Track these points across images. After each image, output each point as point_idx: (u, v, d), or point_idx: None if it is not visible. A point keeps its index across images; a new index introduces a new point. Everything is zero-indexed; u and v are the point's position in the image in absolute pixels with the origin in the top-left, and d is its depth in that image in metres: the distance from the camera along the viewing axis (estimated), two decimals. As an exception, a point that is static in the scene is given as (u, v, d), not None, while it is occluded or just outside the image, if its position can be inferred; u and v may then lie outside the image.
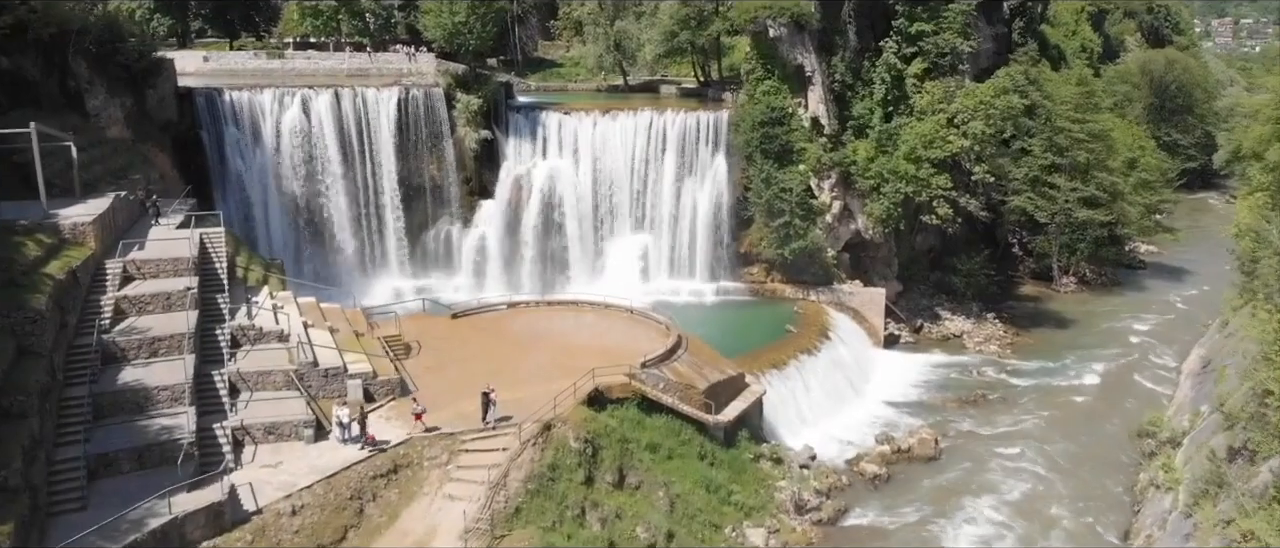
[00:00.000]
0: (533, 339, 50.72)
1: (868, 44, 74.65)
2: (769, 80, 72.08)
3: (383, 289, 73.19)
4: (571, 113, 76.34)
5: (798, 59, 70.94)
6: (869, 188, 72.54)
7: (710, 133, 74.62)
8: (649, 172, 75.49)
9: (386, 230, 74.35)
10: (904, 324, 76.45)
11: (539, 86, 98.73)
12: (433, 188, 75.43)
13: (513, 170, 76.17)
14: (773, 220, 70.98)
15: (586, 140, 75.73)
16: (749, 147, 71.68)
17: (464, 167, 75.89)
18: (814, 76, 71.10)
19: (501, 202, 75.60)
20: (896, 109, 73.79)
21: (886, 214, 71.94)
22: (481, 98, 74.73)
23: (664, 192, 75.23)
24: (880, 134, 72.01)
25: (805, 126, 71.91)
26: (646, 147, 75.35)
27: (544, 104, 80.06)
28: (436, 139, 74.76)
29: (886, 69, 73.05)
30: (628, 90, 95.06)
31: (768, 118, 70.88)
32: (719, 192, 74.44)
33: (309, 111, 70.79)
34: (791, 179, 70.72)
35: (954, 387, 66.85)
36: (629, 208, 76.14)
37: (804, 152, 71.47)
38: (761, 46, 72.17)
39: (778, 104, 71.19)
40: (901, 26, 73.54)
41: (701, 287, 74.94)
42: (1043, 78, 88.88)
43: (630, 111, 75.85)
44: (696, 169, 75.18)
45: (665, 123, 74.96)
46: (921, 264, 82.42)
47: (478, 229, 75.63)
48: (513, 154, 76.76)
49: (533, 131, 76.60)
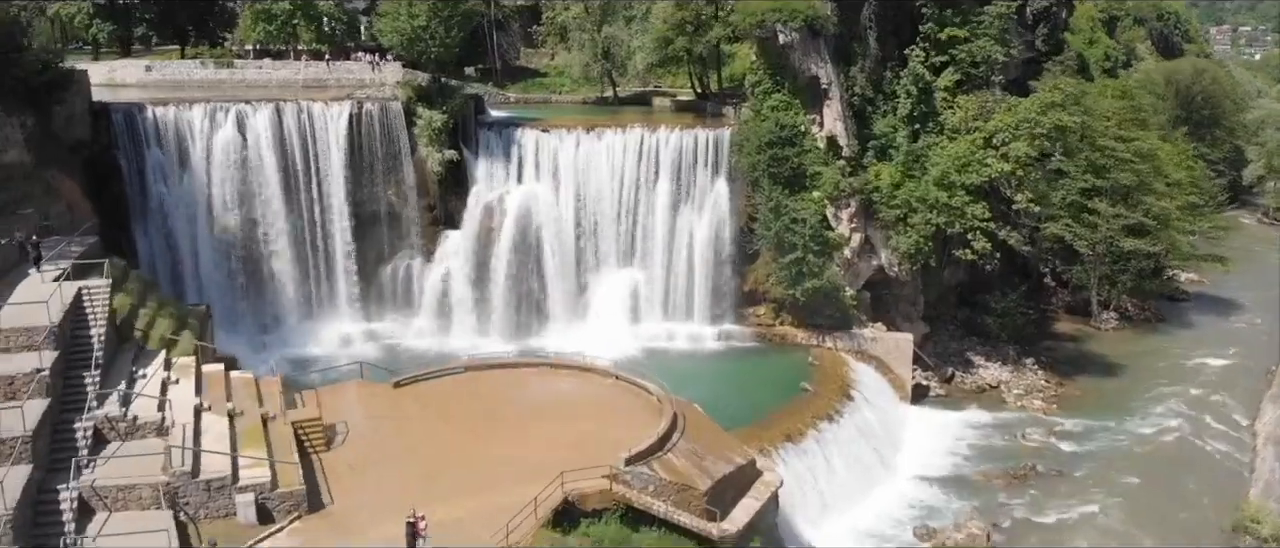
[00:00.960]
0: (490, 419, 40.69)
1: (890, 52, 64.89)
2: (778, 94, 62.21)
3: (330, 335, 63.38)
4: (551, 130, 66.49)
5: (811, 69, 61.07)
6: (894, 218, 62.64)
7: (710, 154, 64.78)
8: (639, 198, 65.63)
9: (335, 266, 64.45)
10: (933, 373, 66.60)
11: (520, 98, 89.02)
12: (390, 217, 65.52)
13: (483, 196, 66.25)
14: (783, 255, 61.10)
15: (568, 162, 65.86)
16: (755, 170, 61.82)
17: (426, 192, 65.96)
18: (830, 89, 61.27)
19: (469, 232, 65.67)
20: (924, 127, 64.03)
21: (915, 249, 62.07)
22: (446, 113, 64.85)
23: (657, 221, 65.33)
24: (906, 156, 62.14)
25: (820, 147, 62.09)
26: (637, 169, 65.51)
27: (520, 120, 70.22)
28: (394, 160, 64.90)
29: (913, 80, 63.30)
30: (617, 103, 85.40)
31: (776, 137, 61.02)
32: (720, 221, 64.57)
33: (245, 130, 61.09)
34: (805, 208, 60.87)
35: (998, 455, 56.98)
36: (617, 239, 66.23)
37: (819, 176, 61.61)
38: (769, 55, 62.35)
39: (788, 121, 61.34)
40: (930, 32, 63.82)
41: (701, 330, 65.03)
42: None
43: (618, 129, 66.02)
44: (694, 195, 65.30)
45: (658, 142, 65.16)
46: (949, 302, 72.66)
47: (442, 264, 65.69)
48: (483, 177, 66.82)
49: (506, 152, 66.68)
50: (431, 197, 66.11)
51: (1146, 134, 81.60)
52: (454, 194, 66.62)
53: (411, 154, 65.06)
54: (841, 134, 61.64)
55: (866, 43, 63.80)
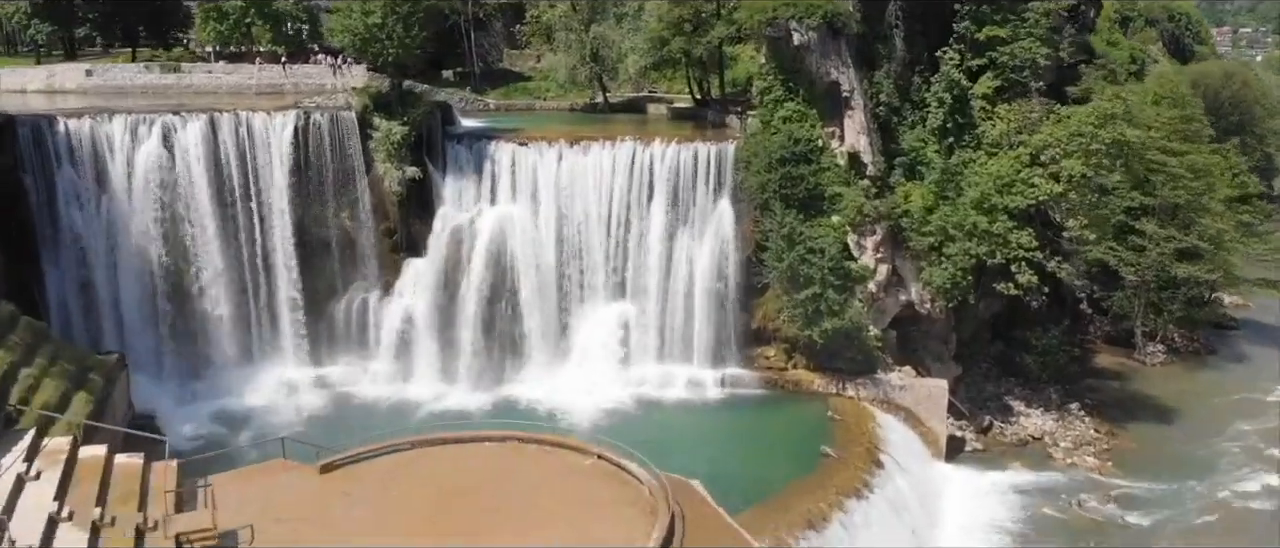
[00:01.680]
0: (439, 520, 32.00)
1: (919, 55, 56.33)
2: (791, 102, 53.68)
3: (272, 382, 54.84)
4: (529, 143, 57.81)
5: (830, 74, 52.48)
6: (927, 247, 53.96)
7: (712, 170, 56.17)
8: (631, 221, 56.98)
9: (278, 302, 55.85)
10: (968, 422, 57.98)
11: (500, 105, 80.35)
12: (342, 244, 56.89)
13: (450, 219, 57.57)
14: (797, 291, 52.49)
15: (549, 179, 57.22)
16: (764, 191, 53.22)
17: (384, 215, 57.33)
18: (852, 97, 52.66)
19: (435, 261, 57.02)
20: (959, 141, 55.47)
21: (951, 283, 53.40)
22: (408, 124, 56.17)
23: (651, 248, 56.69)
24: (941, 175, 53.44)
25: (840, 165, 53.50)
26: (628, 188, 56.89)
27: (495, 131, 61.57)
28: (347, 179, 56.30)
29: (946, 87, 54.78)
30: (608, 110, 76.83)
31: (790, 153, 52.44)
32: (723, 248, 55.97)
33: (172, 145, 52.55)
34: (823, 236, 52.30)
35: (1051, 529, 48.48)
36: (605, 269, 57.56)
37: (839, 199, 53.03)
38: (781, 58, 53.80)
39: (803, 134, 52.79)
40: (966, 31, 55.28)
41: (701, 374, 56.38)
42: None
43: (607, 142, 57.37)
44: (693, 218, 56.67)
45: (652, 157, 56.55)
46: (982, 338, 64.11)
47: (402, 299, 57.04)
48: (451, 198, 58.14)
49: (478, 168, 58.00)
50: (391, 220, 57.48)
51: (1197, 147, 73.04)
52: (417, 217, 57.97)
53: (367, 171, 56.47)
54: (865, 149, 52.97)
55: (892, 43, 55.23)
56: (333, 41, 59.61)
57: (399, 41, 54.55)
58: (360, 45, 55.63)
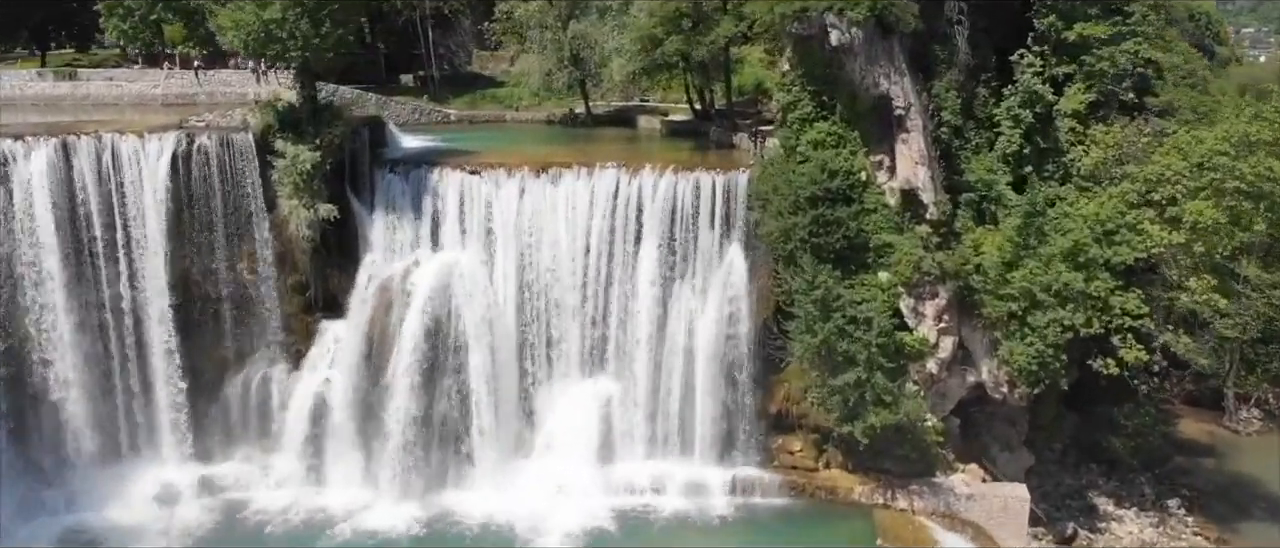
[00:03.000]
0: None
1: (985, 60, 43.20)
2: (824, 122, 40.56)
3: (144, 488, 42.48)
4: (483, 172, 44.82)
5: (879, 85, 39.34)
6: (1005, 315, 40.77)
7: (718, 207, 43.21)
8: (614, 273, 44.10)
9: (152, 381, 43.22)
10: (1047, 531, 44.93)
11: (464, 116, 67.29)
12: (237, 303, 44.16)
13: (380, 270, 44.66)
14: (833, 373, 39.47)
15: (508, 218, 44.32)
16: (789, 239, 40.17)
17: (293, 265, 44.44)
18: (908, 116, 39.55)
19: (358, 324, 44.14)
20: (1039, 170, 42.46)
21: (1038, 363, 40.25)
22: (322, 147, 43.10)
23: (640, 307, 43.83)
24: (1024, 220, 40.26)
25: (891, 205, 40.37)
26: (611, 230, 43.99)
27: (442, 154, 48.59)
28: (243, 219, 43.60)
29: (1024, 101, 41.83)
30: (591, 122, 63.94)
31: (823, 189, 39.37)
32: (733, 308, 43.05)
33: (9, 178, 39.96)
34: (868, 300, 39.29)
35: None
36: (580, 334, 44.66)
37: (889, 250, 39.92)
38: (812, 63, 40.63)
39: (841, 164, 39.69)
40: (1051, 29, 42.14)
41: (705, 475, 43.38)
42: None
43: (583, 169, 44.41)
44: (694, 269, 43.74)
45: (641, 189, 43.65)
46: (1054, 414, 50.99)
47: (315, 374, 44.20)
48: (381, 242, 45.13)
49: (416, 203, 44.96)
50: (300, 272, 44.54)
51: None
52: (336, 267, 45.04)
53: (269, 210, 43.51)
54: (924, 185, 39.80)
55: (953, 45, 42.07)
56: (222, 41, 46.26)
57: (304, 41, 41.27)
58: (254, 46, 42.32)
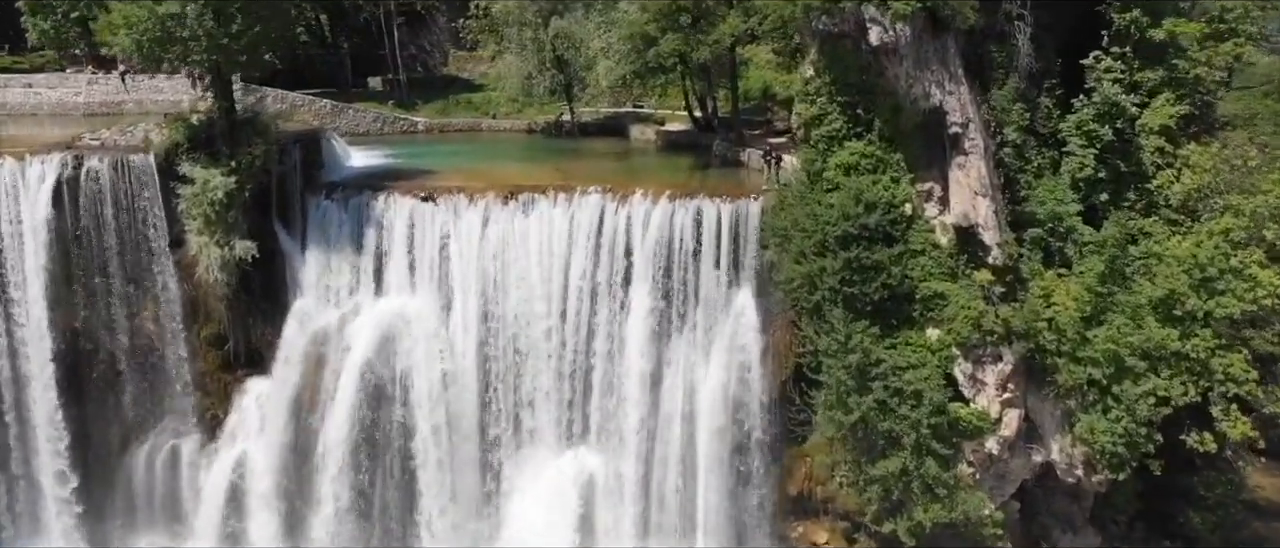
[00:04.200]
0: None
1: (1050, 64, 35.11)
2: (858, 141, 32.47)
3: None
4: (439, 198, 36.87)
5: (931, 95, 31.22)
6: (1084, 382, 32.72)
7: (723, 241, 35.33)
8: (598, 323, 36.20)
9: (35, 454, 35.20)
10: (1121, 635, 37.06)
11: (435, 125, 59.68)
12: (138, 359, 36.22)
13: (311, 320, 36.81)
14: (871, 459, 31.50)
15: (469, 256, 36.38)
16: (815, 287, 32.15)
17: (205, 314, 36.55)
18: (967, 133, 31.48)
19: (286, 384, 36.31)
20: (1118, 200, 34.41)
21: (1126, 442, 32.23)
22: (240, 171, 35.13)
23: (629, 366, 35.89)
24: (1108, 263, 32.21)
25: (943, 246, 32.29)
26: (593, 269, 36.06)
27: (395, 173, 40.66)
28: (144, 259, 35.66)
29: (1100, 115, 33.80)
30: (578, 132, 56.19)
31: (858, 226, 31.34)
32: (742, 367, 35.15)
33: None
34: (915, 366, 31.29)
35: None
36: (556, 399, 36.69)
37: (941, 302, 31.86)
38: (844, 67, 32.51)
39: (881, 195, 31.62)
40: (1132, 25, 34.03)
41: (706, 568, 35.63)
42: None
43: (560, 196, 36.51)
44: (696, 318, 35.80)
45: (631, 220, 35.77)
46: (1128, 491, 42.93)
47: (233, 447, 36.34)
48: (314, 285, 37.22)
49: (357, 238, 37.01)
50: (216, 322, 36.60)
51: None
52: (260, 315, 37.14)
53: (175, 247, 35.58)
54: (986, 221, 31.73)
55: (1012, 46, 34.05)
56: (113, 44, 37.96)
57: (210, 41, 33.20)
58: (150, 49, 34.14)
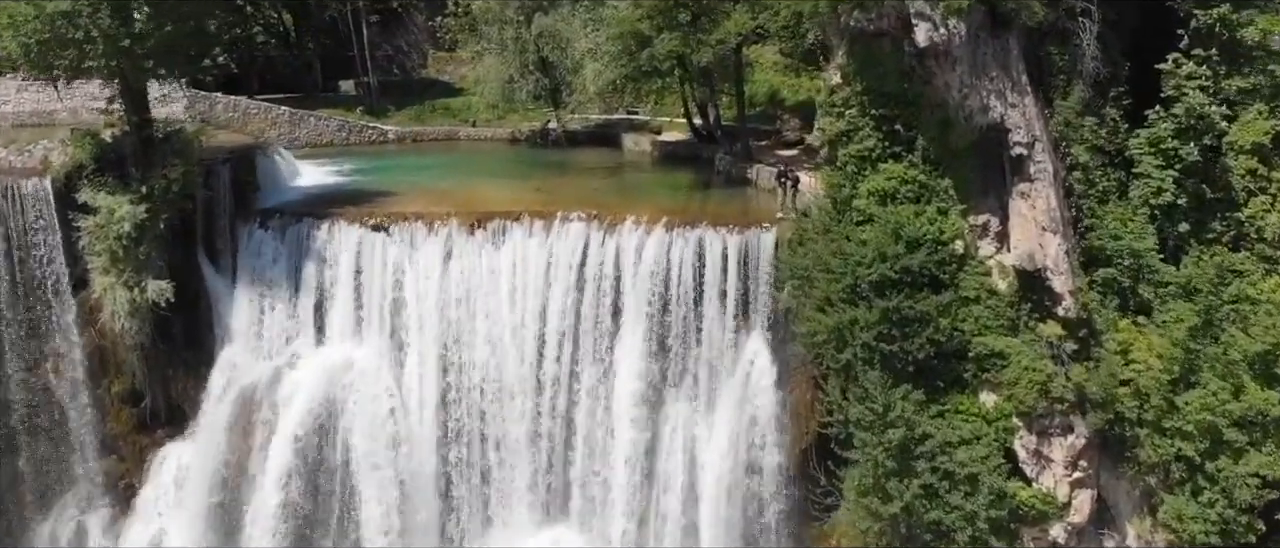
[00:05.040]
0: None
1: (1119, 69, 29.20)
2: (896, 162, 26.47)
3: None
4: (392, 227, 31.15)
5: (989, 107, 25.02)
6: (1170, 457, 26.92)
7: (731, 277, 29.64)
8: (581, 375, 30.53)
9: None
10: None
11: (407, 133, 54.10)
12: (35, 420, 30.38)
13: (241, 373, 31.11)
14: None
15: (427, 294, 30.72)
16: (844, 341, 26.26)
17: (115, 367, 30.78)
18: (1033, 155, 25.50)
19: (210, 447, 30.66)
20: (1200, 231, 28.54)
21: (1222, 532, 26.44)
22: (153, 197, 29.36)
23: (617, 428, 30.19)
24: (1202, 313, 26.37)
25: (1001, 292, 26.35)
26: (576, 312, 30.37)
27: (348, 194, 34.91)
28: (40, 303, 29.87)
29: (1181, 129, 27.95)
30: (565, 141, 50.61)
31: (898, 268, 25.45)
32: (754, 429, 29.47)
33: None
34: (968, 439, 25.46)
35: None
36: (531, 468, 30.95)
37: (1001, 362, 25.92)
38: (879, 72, 26.35)
39: (925, 230, 25.72)
40: (1219, 21, 28.16)
41: (711, 671, 29.89)
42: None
43: (536, 224, 30.83)
44: (697, 371, 30.09)
45: (621, 252, 30.09)
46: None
47: (149, 524, 30.72)
48: (245, 330, 31.48)
49: (295, 275, 31.30)
50: (127, 377, 30.84)
51: None
52: (182, 365, 31.39)
53: (77, 288, 29.85)
54: (1055, 263, 25.70)
55: (1076, 47, 28.16)
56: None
57: (109, 43, 27.43)
58: (37, 54, 28.31)
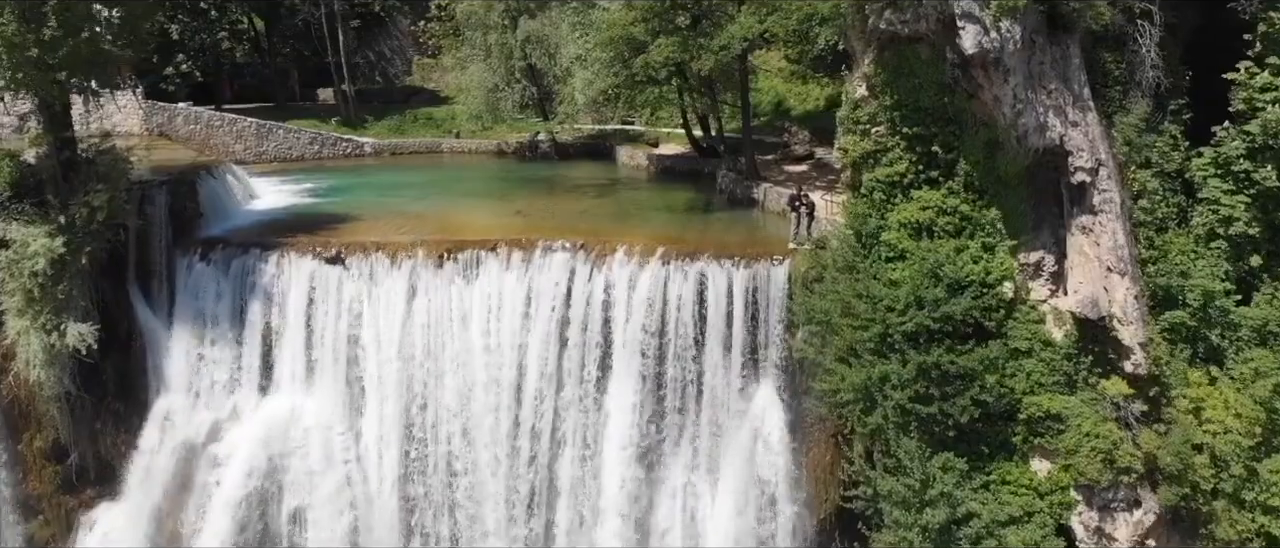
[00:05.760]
0: None
1: (1178, 81, 25.27)
2: (932, 189, 22.55)
3: None
4: (348, 258, 27.29)
5: (1047, 125, 20.88)
6: (1252, 533, 23.12)
7: (736, 319, 25.76)
8: (564, 431, 26.65)
9: None
10: None
11: (386, 146, 50.87)
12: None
13: (177, 427, 27.32)
14: (949, 643, 21.92)
15: (387, 339, 26.85)
16: (872, 402, 22.40)
17: (35, 420, 26.90)
18: (1097, 182, 21.54)
19: (140, 512, 26.82)
20: (1272, 267, 24.56)
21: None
22: (73, 228, 25.45)
23: (606, 493, 26.27)
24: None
25: (1057, 340, 22.41)
26: (558, 358, 26.50)
27: (302, 221, 31.05)
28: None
29: (1258, 149, 24.01)
30: (555, 154, 47.16)
31: (938, 317, 21.51)
32: (764, 497, 25.59)
33: None
34: (1018, 517, 21.60)
35: None
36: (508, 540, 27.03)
37: (1057, 425, 21.97)
38: (915, 84, 22.20)
39: (967, 271, 21.81)
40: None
41: None
42: None
43: (513, 254, 27.00)
44: (698, 428, 26.21)
45: (611, 289, 26.26)
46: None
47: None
48: (183, 377, 27.60)
49: (238, 312, 27.42)
50: (49, 430, 26.94)
51: None
52: (112, 417, 27.54)
53: (-15, 334, 26.07)
54: (1125, 311, 21.58)
55: (1134, 54, 24.26)
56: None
57: (13, 52, 23.56)
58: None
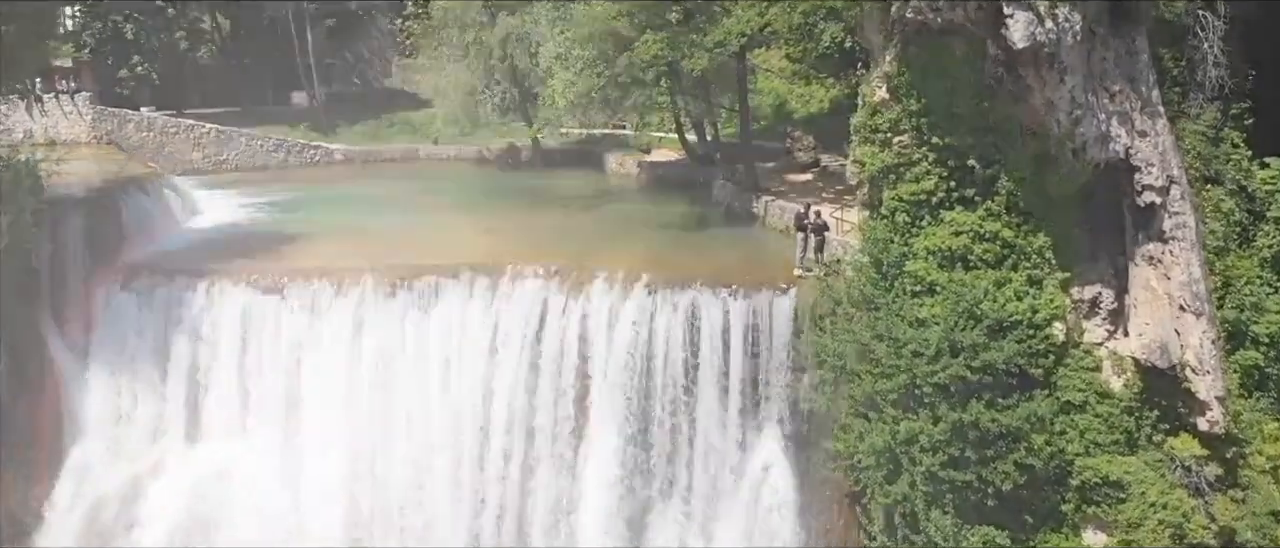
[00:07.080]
0: None
1: (1242, 83, 21.63)
2: (969, 211, 18.66)
3: None
4: (286, 287, 23.74)
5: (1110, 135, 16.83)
6: (1347, 618, 19.79)
7: (734, 359, 22.26)
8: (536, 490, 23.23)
9: None
10: None
11: (359, 154, 47.74)
12: None
13: (94, 480, 23.89)
14: None
15: (330, 380, 23.38)
16: (898, 468, 18.84)
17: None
18: (1168, 203, 17.82)
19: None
20: None
21: None
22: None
23: (583, 554, 22.93)
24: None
25: (1116, 391, 18.69)
26: (530, 402, 22.99)
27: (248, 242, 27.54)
28: None
29: None
30: (539, 161, 43.91)
31: (974, 367, 17.83)
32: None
33: None
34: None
35: None
36: (469, 605, 23.71)
37: (1117, 493, 18.31)
38: (948, 86, 18.20)
39: (1011, 307, 18.15)
40: None
41: None
42: None
43: (478, 282, 23.50)
44: (690, 484, 22.75)
45: (589, 324, 22.79)
46: None
47: None
48: (102, 424, 24.21)
49: (163, 351, 23.91)
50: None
51: None
52: (20, 470, 24.19)
53: None
54: (1199, 356, 17.75)
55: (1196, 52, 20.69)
56: None
57: None
58: None
